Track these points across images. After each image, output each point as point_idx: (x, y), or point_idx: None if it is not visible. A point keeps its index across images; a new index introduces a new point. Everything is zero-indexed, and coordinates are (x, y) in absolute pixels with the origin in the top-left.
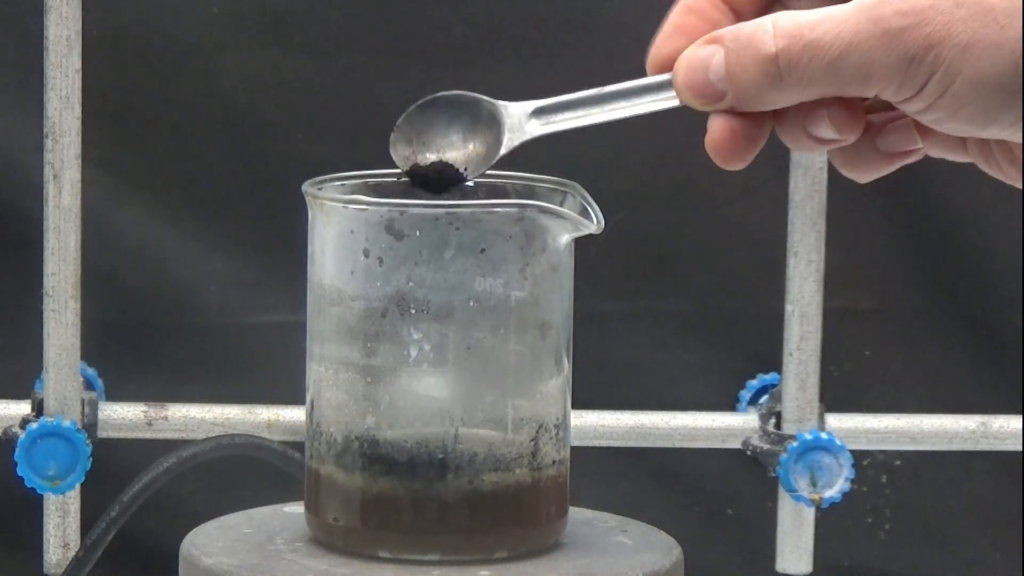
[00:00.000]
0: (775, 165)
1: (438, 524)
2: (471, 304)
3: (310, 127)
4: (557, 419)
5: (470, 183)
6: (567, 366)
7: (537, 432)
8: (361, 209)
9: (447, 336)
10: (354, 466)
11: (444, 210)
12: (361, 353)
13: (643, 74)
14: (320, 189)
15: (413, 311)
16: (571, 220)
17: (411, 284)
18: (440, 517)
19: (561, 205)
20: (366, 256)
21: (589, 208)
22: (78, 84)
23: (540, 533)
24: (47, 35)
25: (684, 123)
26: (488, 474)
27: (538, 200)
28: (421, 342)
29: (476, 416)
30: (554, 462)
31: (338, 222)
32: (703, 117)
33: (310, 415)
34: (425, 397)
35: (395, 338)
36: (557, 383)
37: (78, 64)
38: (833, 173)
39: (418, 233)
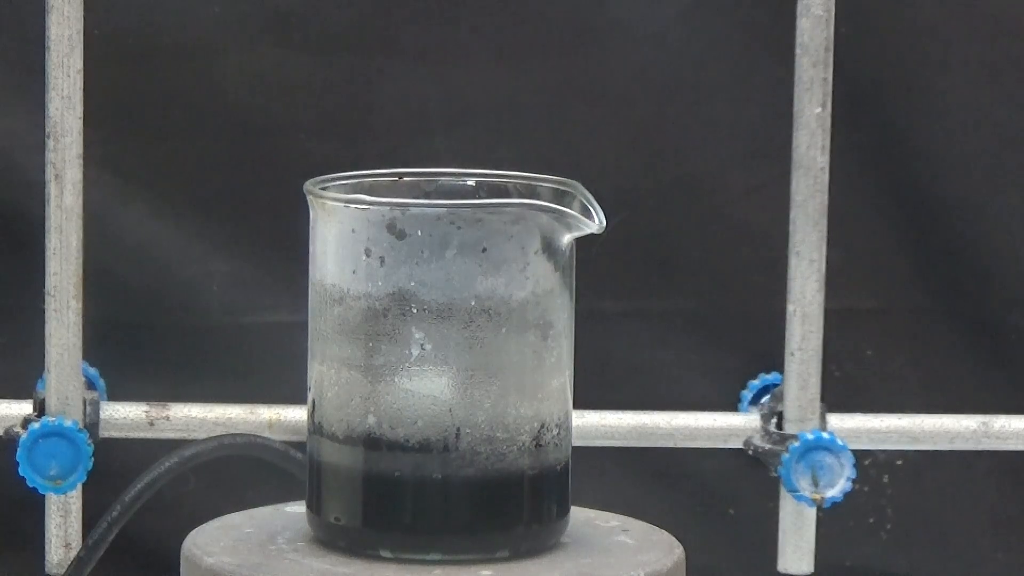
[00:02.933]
0: (777, 165)
1: (440, 523)
2: (473, 303)
3: (311, 127)
4: (559, 418)
5: (471, 183)
6: (569, 365)
7: (539, 431)
8: (363, 208)
9: (449, 335)
10: (356, 465)
11: (446, 209)
12: (363, 352)
13: (645, 73)
14: (322, 189)
15: (415, 310)
16: (573, 220)
17: (413, 283)
18: (442, 516)
19: (563, 205)
20: (368, 255)
21: (591, 208)
22: (80, 84)
23: (542, 532)
24: (49, 35)
25: (686, 123)
26: (490, 473)
27: (540, 200)
28: (423, 341)
29: (478, 415)
30: (556, 461)
31: (340, 221)
32: (704, 117)
33: (312, 414)
34: (427, 396)
35: (397, 337)
36: (559, 382)
37: (80, 64)
38: (835, 173)
39: (419, 232)
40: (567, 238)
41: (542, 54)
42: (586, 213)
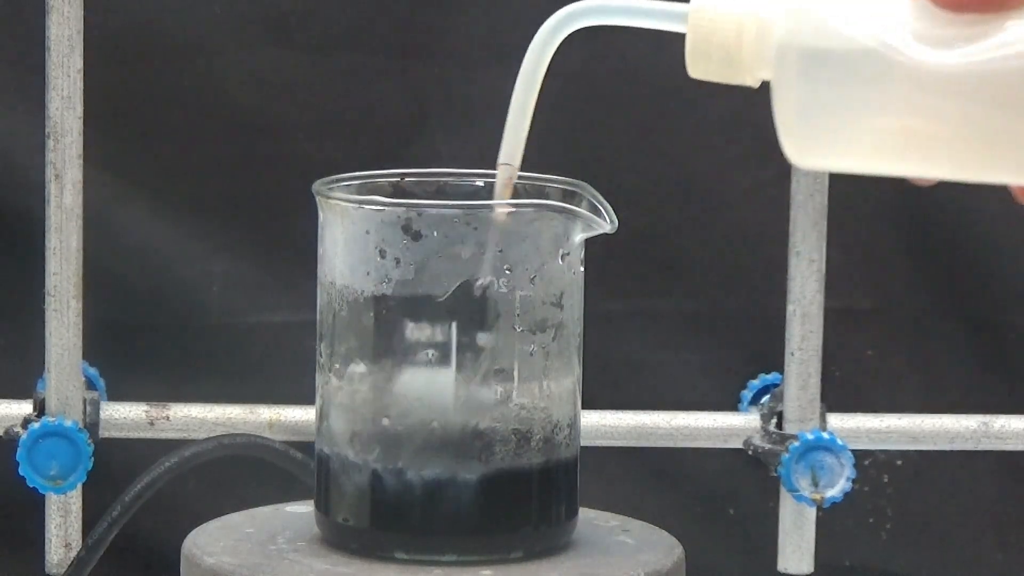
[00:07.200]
0: (777, 165)
1: (450, 525)
2: (487, 304)
3: (312, 127)
4: (569, 419)
5: (480, 183)
6: (578, 366)
7: (551, 432)
8: (378, 210)
9: (462, 336)
10: (365, 467)
11: (462, 211)
12: (374, 353)
13: (645, 73)
14: (331, 189)
15: (429, 311)
16: (586, 220)
17: (427, 284)
18: (452, 518)
19: (571, 205)
20: (382, 256)
21: (601, 208)
22: (80, 84)
23: (552, 534)
24: (49, 35)
25: (686, 123)
26: (501, 474)
27: (548, 200)
28: (436, 342)
29: (490, 416)
30: (567, 461)
31: (352, 223)
32: (704, 117)
33: (321, 414)
34: (439, 397)
35: (410, 338)
36: (569, 383)
37: (80, 64)
38: (835, 173)
39: (435, 233)
40: (579, 238)
41: None
42: (596, 213)
